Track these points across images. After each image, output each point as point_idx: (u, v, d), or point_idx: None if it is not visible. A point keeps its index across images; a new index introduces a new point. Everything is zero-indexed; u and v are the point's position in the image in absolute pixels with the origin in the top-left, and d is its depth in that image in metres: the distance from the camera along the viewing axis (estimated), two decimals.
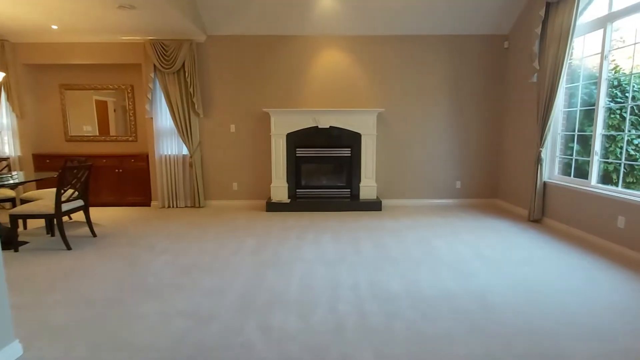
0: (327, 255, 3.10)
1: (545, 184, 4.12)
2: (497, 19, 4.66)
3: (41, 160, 5.05)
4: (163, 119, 4.97)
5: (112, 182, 5.10)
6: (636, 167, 3.35)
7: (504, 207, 4.98)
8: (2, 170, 4.20)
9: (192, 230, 3.93)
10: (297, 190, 5.12)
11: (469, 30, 4.83)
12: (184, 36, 4.72)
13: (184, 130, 4.90)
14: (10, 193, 3.97)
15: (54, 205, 3.21)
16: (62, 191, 3.25)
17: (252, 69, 4.93)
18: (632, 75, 3.22)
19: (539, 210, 4.15)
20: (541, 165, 4.06)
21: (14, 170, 4.98)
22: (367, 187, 5.01)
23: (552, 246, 3.34)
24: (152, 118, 4.93)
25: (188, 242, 3.52)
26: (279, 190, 4.98)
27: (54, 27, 4.38)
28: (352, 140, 4.99)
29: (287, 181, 5.02)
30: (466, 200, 5.23)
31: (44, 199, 3.47)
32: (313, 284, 2.53)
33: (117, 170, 5.07)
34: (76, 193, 3.46)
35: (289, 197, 5.03)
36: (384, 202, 5.16)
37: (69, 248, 3.30)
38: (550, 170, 4.15)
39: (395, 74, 4.97)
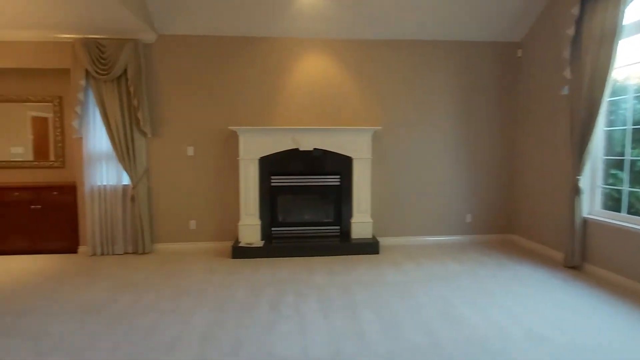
0: (314, 350, 2.03)
1: (585, 221, 3.27)
2: (508, 24, 3.94)
3: None
4: (97, 139, 3.84)
5: (26, 222, 3.84)
6: None
7: (525, 245, 4.10)
8: None
9: (119, 298, 2.75)
10: (273, 229, 4.05)
11: (477, 37, 4.09)
12: (127, 34, 3.69)
13: (125, 154, 3.78)
14: None
15: None
16: None
17: (216, 78, 3.94)
18: None
19: (579, 255, 3.28)
20: (579, 197, 3.23)
21: None
22: (361, 224, 4.01)
23: (620, 311, 2.42)
24: (81, 138, 3.79)
25: (103, 324, 2.35)
26: (249, 231, 3.89)
27: None
28: (342, 165, 4.03)
29: (260, 218, 3.95)
30: (478, 237, 4.33)
31: None
32: None
33: (33, 207, 3.84)
34: None
35: (262, 239, 3.95)
36: (382, 241, 4.17)
37: None
38: (591, 203, 3.32)
39: (394, 86, 4.12)
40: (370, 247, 3.85)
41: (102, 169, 3.86)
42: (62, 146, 4.18)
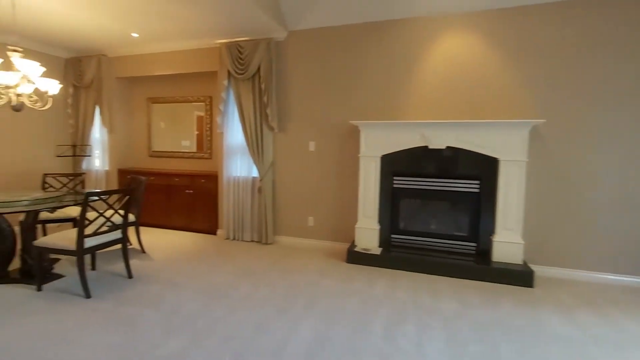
0: None
1: None
2: None
3: (124, 176, 4.89)
4: (234, 134, 4.19)
5: (182, 204, 4.55)
6: None
7: None
8: (75, 186, 4.01)
9: (241, 285, 2.85)
10: (392, 237, 3.61)
11: None
12: (261, 34, 3.86)
13: (255, 148, 3.99)
14: (72, 212, 3.66)
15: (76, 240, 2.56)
16: (88, 222, 2.59)
17: (340, 70, 3.73)
18: None
19: None
20: None
21: (92, 187, 4.93)
22: (507, 244, 3.15)
23: None
24: (222, 133, 4.21)
25: (223, 310, 2.42)
26: (366, 235, 3.57)
27: (135, 35, 4.08)
28: (483, 168, 3.24)
29: (379, 222, 3.57)
30: None
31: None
32: None
33: (187, 191, 4.51)
34: (111, 223, 2.79)
35: (380, 245, 3.56)
36: (536, 270, 3.18)
37: (87, 296, 2.59)
38: None
39: (561, 64, 3.05)
40: (520, 277, 2.96)
41: (237, 162, 4.20)
42: (210, 140, 4.77)
